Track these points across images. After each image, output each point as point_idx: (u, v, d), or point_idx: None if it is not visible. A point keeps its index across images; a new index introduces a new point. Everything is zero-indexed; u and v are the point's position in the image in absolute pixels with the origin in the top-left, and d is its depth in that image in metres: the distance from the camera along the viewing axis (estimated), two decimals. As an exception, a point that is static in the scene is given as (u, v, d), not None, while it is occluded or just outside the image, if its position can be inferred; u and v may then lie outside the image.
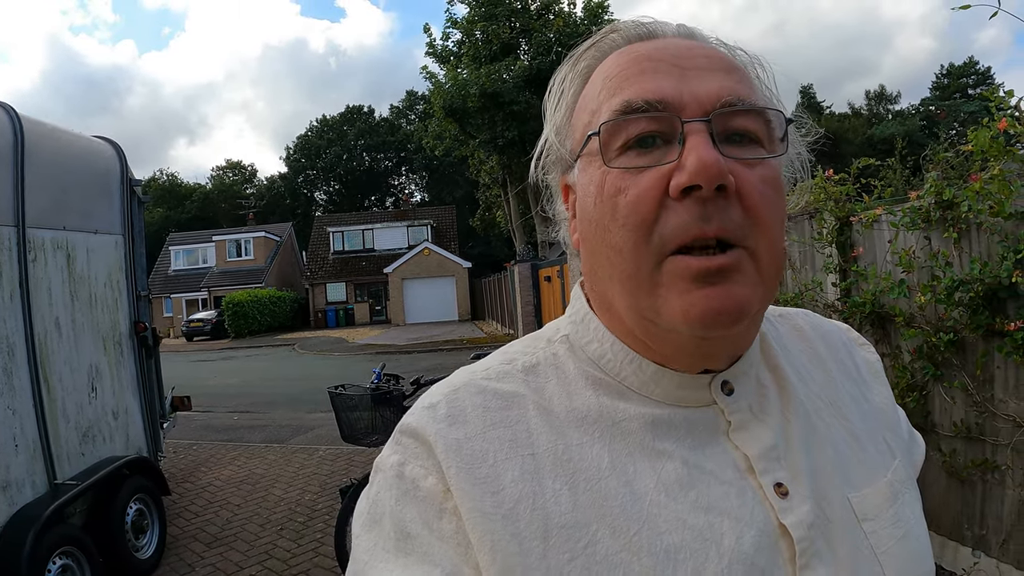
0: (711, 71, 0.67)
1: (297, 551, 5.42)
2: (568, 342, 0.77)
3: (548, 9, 26.24)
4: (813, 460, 0.71)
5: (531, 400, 0.71)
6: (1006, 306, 3.35)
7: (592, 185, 0.68)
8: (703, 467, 0.67)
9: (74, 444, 4.73)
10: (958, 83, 52.46)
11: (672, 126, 0.64)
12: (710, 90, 0.65)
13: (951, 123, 40.70)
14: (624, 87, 0.67)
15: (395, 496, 0.67)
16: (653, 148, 0.65)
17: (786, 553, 0.65)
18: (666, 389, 0.71)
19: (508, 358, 0.77)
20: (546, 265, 17.84)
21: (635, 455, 0.68)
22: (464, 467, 0.66)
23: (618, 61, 0.70)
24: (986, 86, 46.43)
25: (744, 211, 0.63)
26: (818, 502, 0.68)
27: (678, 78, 0.66)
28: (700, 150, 0.61)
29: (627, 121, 0.65)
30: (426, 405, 0.72)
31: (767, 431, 0.70)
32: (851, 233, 4.59)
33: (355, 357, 23.09)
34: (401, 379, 5.09)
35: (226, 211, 65.03)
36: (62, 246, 4.85)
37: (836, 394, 0.80)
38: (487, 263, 46.32)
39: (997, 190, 3.22)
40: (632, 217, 0.63)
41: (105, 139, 5.75)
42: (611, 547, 0.62)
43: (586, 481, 0.66)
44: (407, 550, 0.64)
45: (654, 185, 0.63)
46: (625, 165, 0.65)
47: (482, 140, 25.57)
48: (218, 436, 10.31)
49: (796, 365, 0.80)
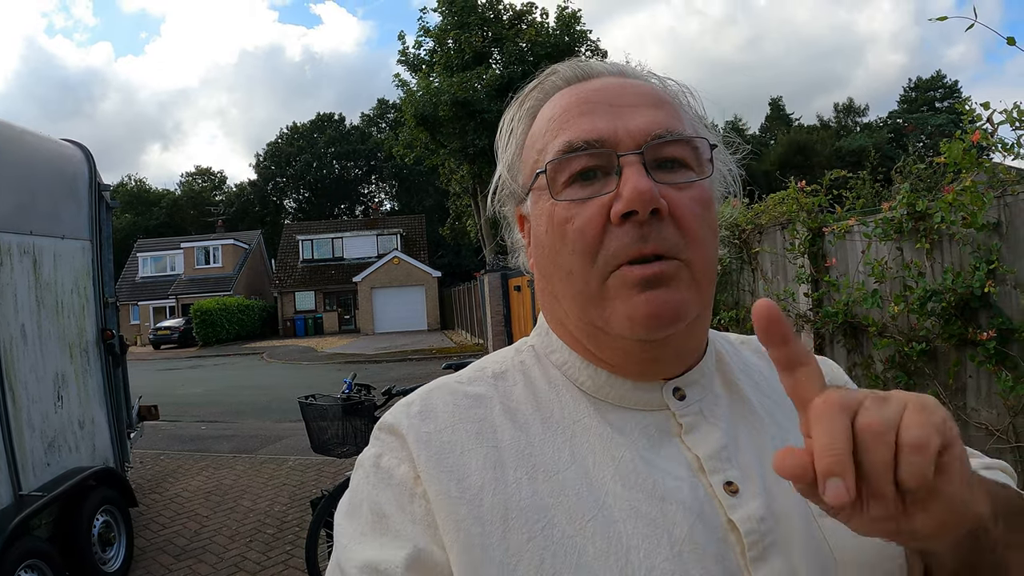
0: (642, 107, 0.75)
1: (267, 563, 5.34)
2: (534, 352, 0.86)
3: (520, 19, 26.38)
4: (766, 462, 0.73)
5: (498, 401, 0.78)
6: (978, 316, 3.40)
7: (543, 216, 0.77)
8: (657, 464, 0.72)
9: (39, 454, 4.62)
10: (925, 96, 53.46)
11: (609, 160, 0.73)
12: (641, 125, 0.73)
13: (919, 136, 41.44)
14: (565, 128, 0.75)
15: (372, 484, 0.74)
16: (594, 180, 0.73)
17: (737, 547, 0.68)
18: (620, 392, 0.78)
19: (480, 367, 0.85)
20: (516, 275, 17.82)
21: (595, 450, 0.73)
22: (433, 456, 0.72)
23: (559, 102, 0.79)
24: (953, 99, 47.19)
25: (677, 229, 0.71)
26: (770, 499, 0.71)
27: (613, 117, 0.74)
28: (635, 180, 0.70)
29: (569, 159, 0.74)
30: (403, 403, 0.79)
31: (717, 433, 0.76)
32: (823, 244, 4.64)
33: (324, 366, 22.91)
34: (372, 389, 5.04)
35: (195, 218, 64.39)
36: (28, 251, 4.74)
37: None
38: (457, 272, 46.31)
39: (970, 201, 3.26)
40: (579, 242, 0.72)
41: (74, 143, 5.64)
42: (566, 530, 0.67)
43: (545, 472, 0.71)
44: (383, 529, 0.70)
45: (597, 213, 0.72)
46: (570, 197, 0.73)
47: (453, 149, 25.57)
48: (185, 446, 10.14)
49: (756, 379, 0.86)
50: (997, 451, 3.36)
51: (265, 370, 23.56)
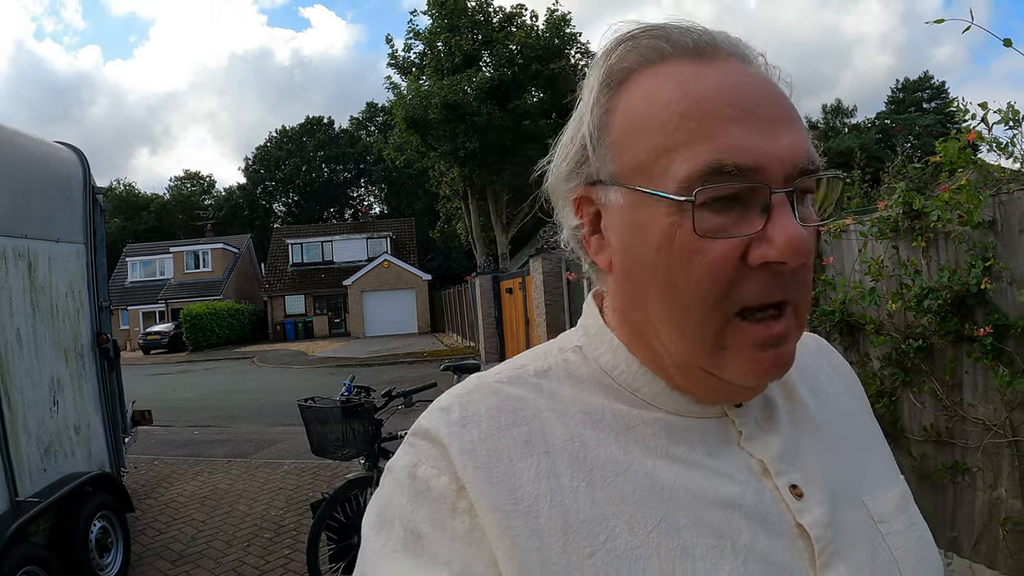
0: (785, 122, 0.65)
1: (266, 567, 5.33)
2: (581, 352, 0.77)
3: (510, 21, 26.41)
4: (826, 467, 0.72)
5: (544, 402, 0.71)
6: (974, 312, 3.42)
7: (655, 231, 0.64)
8: (718, 470, 0.68)
9: (36, 460, 4.59)
10: (913, 97, 53.62)
11: (758, 193, 0.62)
12: (790, 152, 0.62)
13: (906, 136, 41.62)
14: (710, 135, 0.62)
15: (407, 497, 0.67)
16: (731, 210, 0.62)
17: (805, 553, 0.66)
18: (678, 403, 0.72)
19: (519, 364, 0.77)
20: (507, 277, 17.83)
21: (651, 456, 0.68)
22: (481, 467, 0.66)
23: (686, 86, 0.65)
24: (940, 100, 47.19)
25: (799, 274, 0.65)
26: (833, 504, 0.69)
27: (763, 133, 0.62)
28: (788, 226, 0.61)
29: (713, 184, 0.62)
30: (439, 408, 0.72)
31: (778, 438, 0.72)
32: (819, 243, 4.66)
33: (315, 370, 22.89)
34: (372, 391, 5.04)
35: (184, 222, 64.05)
36: (23, 254, 4.72)
37: (847, 408, 0.83)
38: (447, 275, 46.29)
39: (966, 199, 3.29)
40: (707, 281, 0.63)
41: (68, 145, 5.62)
42: (630, 542, 0.63)
43: (603, 478, 0.66)
44: (417, 551, 0.64)
45: (733, 251, 0.62)
46: (708, 227, 0.62)
47: (443, 151, 25.56)
48: (179, 451, 10.12)
49: (809, 382, 0.82)
50: (994, 446, 3.39)
51: (256, 374, 23.51)
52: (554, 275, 12.07)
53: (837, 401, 0.83)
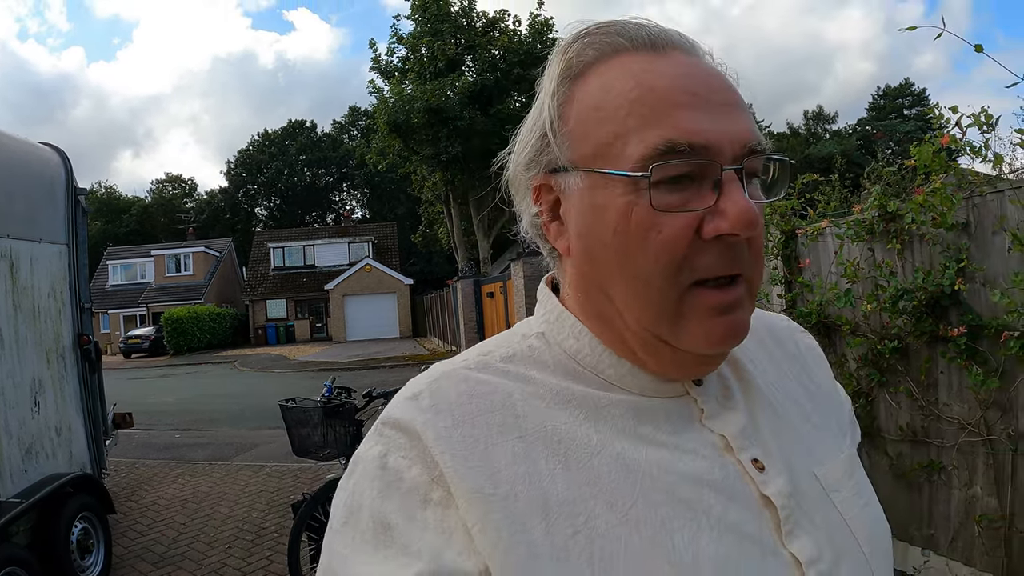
0: (733, 108, 0.69)
1: (247, 569, 5.32)
2: (544, 339, 0.79)
3: (493, 26, 26.50)
4: (779, 440, 0.76)
5: (513, 387, 0.72)
6: (949, 313, 3.49)
7: (612, 211, 0.68)
8: (684, 447, 0.71)
9: (17, 461, 4.57)
10: (894, 104, 54.10)
11: (710, 170, 0.66)
12: (739, 132, 0.67)
13: (887, 143, 41.96)
14: (663, 120, 0.66)
15: (376, 488, 0.67)
16: (686, 187, 0.66)
17: (771, 523, 0.69)
18: (642, 383, 0.74)
19: (484, 351, 0.78)
20: (489, 281, 17.84)
21: (621, 436, 0.70)
22: (457, 453, 0.66)
23: (639, 77, 0.68)
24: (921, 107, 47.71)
25: (750, 248, 0.69)
26: (791, 475, 0.73)
27: (713, 116, 0.66)
28: (739, 200, 0.64)
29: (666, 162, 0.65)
30: (408, 395, 0.72)
31: (737, 415, 0.75)
32: (796, 246, 4.73)
33: (297, 374, 22.82)
34: (353, 392, 5.06)
35: (165, 225, 63.58)
36: (5, 254, 4.69)
37: (789, 381, 0.87)
38: (429, 280, 46.21)
39: (939, 202, 3.36)
40: (664, 255, 0.66)
41: (51, 146, 5.59)
42: (610, 520, 0.64)
43: (578, 460, 0.68)
44: (387, 542, 0.64)
45: (688, 225, 0.65)
46: (663, 204, 0.65)
47: (425, 156, 25.58)
48: (160, 454, 10.06)
49: (752, 357, 0.85)
50: (969, 444, 3.46)
51: (237, 378, 23.37)
52: (535, 279, 12.07)
53: (781, 375, 0.86)
